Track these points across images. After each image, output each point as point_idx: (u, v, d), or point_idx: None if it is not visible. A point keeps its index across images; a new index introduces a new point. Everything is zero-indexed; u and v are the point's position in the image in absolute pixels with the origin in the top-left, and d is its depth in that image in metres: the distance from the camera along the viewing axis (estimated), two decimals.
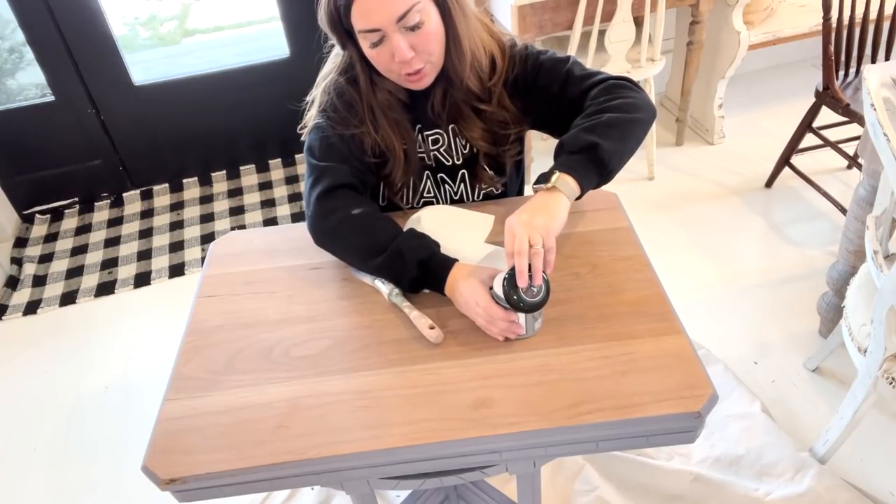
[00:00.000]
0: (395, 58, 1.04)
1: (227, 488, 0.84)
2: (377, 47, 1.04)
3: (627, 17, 2.15)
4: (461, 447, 0.83)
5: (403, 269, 1.02)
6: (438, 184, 1.25)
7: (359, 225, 1.07)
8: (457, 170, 1.24)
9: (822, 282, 1.84)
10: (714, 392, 0.85)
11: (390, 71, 1.08)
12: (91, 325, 2.22)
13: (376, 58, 1.07)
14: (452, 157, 1.23)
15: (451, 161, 1.23)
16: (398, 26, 1.02)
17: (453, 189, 1.26)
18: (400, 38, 1.02)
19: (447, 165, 1.23)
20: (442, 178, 1.25)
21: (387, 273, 1.04)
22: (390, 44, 1.03)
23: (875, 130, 1.18)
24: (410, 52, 1.03)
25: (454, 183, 1.26)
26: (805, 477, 1.51)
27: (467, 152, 1.23)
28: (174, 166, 2.84)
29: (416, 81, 1.10)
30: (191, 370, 0.96)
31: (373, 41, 1.04)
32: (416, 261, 1.01)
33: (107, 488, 1.71)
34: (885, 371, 1.31)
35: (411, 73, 1.07)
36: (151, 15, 2.94)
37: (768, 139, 2.70)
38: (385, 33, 1.02)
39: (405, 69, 1.06)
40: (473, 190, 1.26)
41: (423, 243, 1.04)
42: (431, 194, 1.26)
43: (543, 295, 0.91)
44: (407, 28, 1.02)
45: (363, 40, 1.05)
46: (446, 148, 1.22)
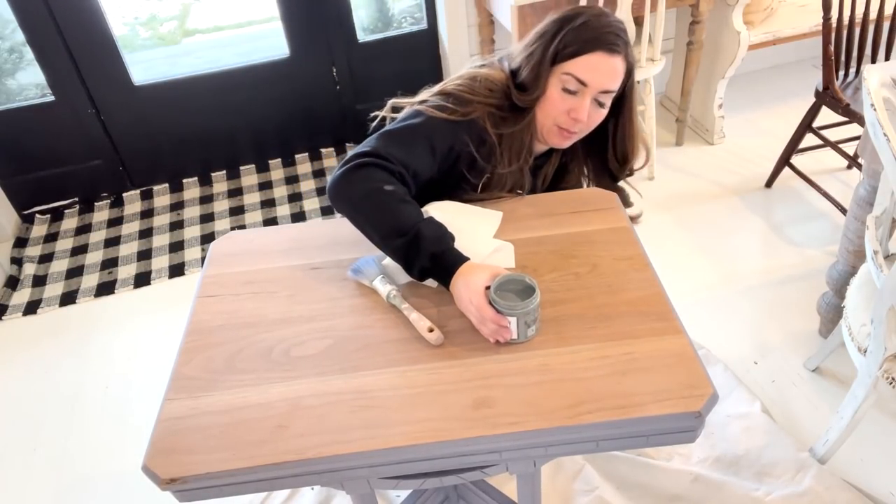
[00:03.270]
0: (571, 114, 1.14)
1: (227, 488, 0.84)
2: (566, 94, 1.14)
3: (627, 17, 2.15)
4: (461, 447, 0.83)
5: (417, 256, 1.01)
6: None
7: (386, 202, 1.04)
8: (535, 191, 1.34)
9: (822, 282, 1.84)
10: (714, 392, 0.85)
11: (554, 117, 1.17)
12: (91, 325, 2.22)
13: (558, 102, 1.15)
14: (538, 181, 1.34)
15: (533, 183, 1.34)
16: (597, 94, 1.14)
17: None
18: (588, 103, 1.14)
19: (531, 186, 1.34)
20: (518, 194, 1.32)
21: (400, 256, 1.03)
22: (579, 101, 1.14)
23: (875, 130, 1.18)
24: (586, 119, 1.16)
25: None
26: (805, 477, 1.51)
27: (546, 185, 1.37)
28: (174, 166, 2.84)
29: (564, 138, 1.20)
30: (191, 370, 0.96)
31: (570, 89, 1.14)
32: (430, 252, 1.00)
33: (107, 488, 1.71)
34: (885, 371, 1.31)
35: (568, 130, 1.18)
36: (151, 15, 2.94)
37: (768, 139, 2.70)
38: (585, 92, 1.14)
39: (569, 125, 1.17)
40: None
41: (441, 234, 1.03)
42: None
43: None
44: (597, 101, 1.15)
45: (560, 82, 1.14)
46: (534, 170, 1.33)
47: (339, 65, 2.77)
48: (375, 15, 2.83)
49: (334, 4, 2.61)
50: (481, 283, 0.96)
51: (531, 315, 0.92)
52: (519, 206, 1.21)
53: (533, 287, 0.94)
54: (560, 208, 1.20)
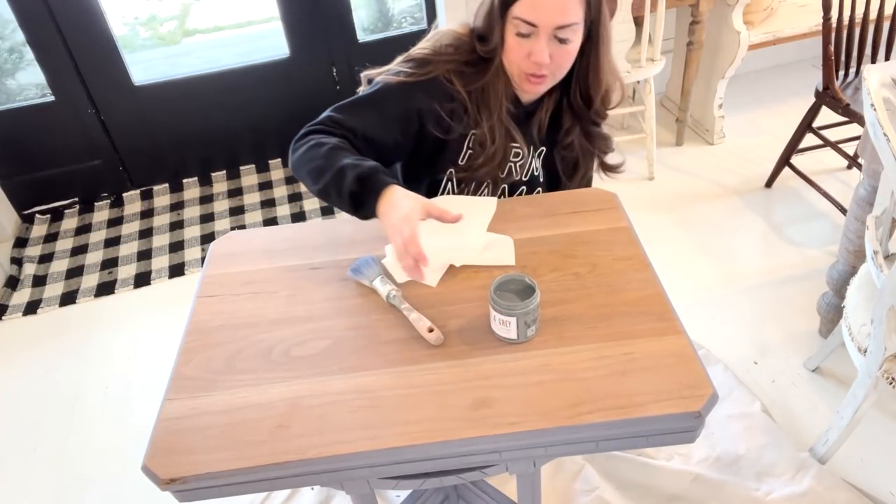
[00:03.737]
0: (531, 58, 1.09)
1: (227, 488, 0.84)
2: (521, 39, 1.08)
3: (627, 17, 2.15)
4: (461, 447, 0.83)
5: (343, 182, 1.02)
6: (496, 194, 1.28)
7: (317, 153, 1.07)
8: (518, 185, 1.29)
9: (822, 282, 1.84)
10: (714, 392, 0.85)
11: (517, 63, 1.12)
12: (91, 325, 2.22)
13: (515, 48, 1.10)
14: (522, 173, 1.27)
15: (518, 176, 1.27)
16: (552, 32, 1.07)
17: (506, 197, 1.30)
18: (546, 43, 1.08)
19: (514, 179, 1.27)
20: (503, 190, 1.28)
21: (331, 189, 1.04)
22: (535, 43, 1.08)
23: (875, 130, 1.18)
24: (547, 60, 1.09)
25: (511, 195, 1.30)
26: (805, 477, 1.51)
27: (537, 174, 1.29)
28: (174, 166, 2.84)
29: (533, 84, 1.14)
30: (191, 370, 0.96)
31: (523, 32, 1.08)
32: (355, 175, 1.01)
33: (107, 488, 1.71)
34: (885, 371, 1.31)
35: (535, 75, 1.11)
36: (151, 15, 2.94)
37: (768, 139, 2.70)
38: (537, 31, 1.07)
39: (533, 69, 1.11)
40: None
41: (367, 164, 1.03)
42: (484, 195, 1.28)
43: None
44: (557, 38, 1.08)
45: (512, 27, 1.09)
46: (522, 163, 1.25)
47: (339, 65, 2.77)
48: (375, 15, 2.83)
49: (334, 4, 2.61)
50: (415, 212, 0.96)
51: (531, 315, 0.92)
52: (519, 206, 1.21)
53: (533, 287, 0.94)
54: (560, 208, 1.20)
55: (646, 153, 2.57)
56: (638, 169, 2.64)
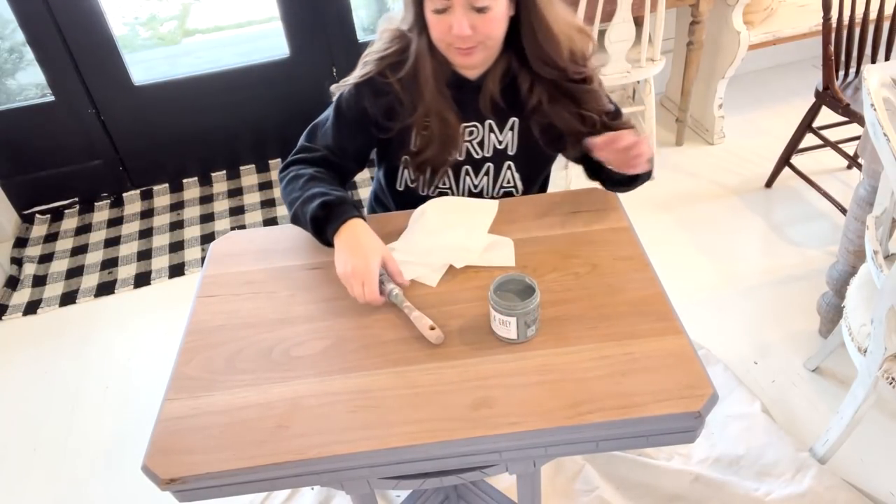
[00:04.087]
0: (453, 31, 1.07)
1: (227, 488, 0.84)
2: (440, 14, 1.08)
3: (627, 17, 2.15)
4: (461, 447, 0.83)
5: (308, 207, 1.08)
6: (459, 176, 1.26)
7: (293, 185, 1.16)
8: (483, 163, 1.25)
9: (822, 282, 1.84)
10: (714, 392, 0.85)
11: (443, 41, 1.11)
12: (91, 325, 2.22)
13: (435, 24, 1.10)
14: (483, 150, 1.24)
15: (480, 154, 1.24)
16: (467, 2, 1.05)
17: (474, 182, 1.27)
18: (463, 15, 1.06)
19: (475, 158, 1.25)
20: (466, 170, 1.25)
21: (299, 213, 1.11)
22: (453, 16, 1.06)
23: (875, 130, 1.18)
24: (468, 31, 1.07)
25: (476, 176, 1.26)
26: (805, 477, 1.51)
27: (501, 147, 1.24)
28: (174, 166, 2.84)
29: (464, 56, 1.12)
30: (191, 370, 0.96)
31: (438, 8, 1.07)
32: (321, 201, 1.08)
33: (107, 488, 1.71)
34: (885, 371, 1.31)
35: (461, 48, 1.10)
36: (151, 15, 2.94)
37: (768, 139, 2.70)
38: (452, 5, 1.06)
39: (458, 43, 1.09)
40: (495, 186, 1.28)
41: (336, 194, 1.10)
42: (447, 185, 1.27)
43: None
44: (474, 7, 1.06)
45: (430, 4, 1.08)
46: (479, 141, 1.23)
47: (339, 65, 2.76)
48: (375, 15, 2.83)
49: (334, 4, 2.61)
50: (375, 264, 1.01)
51: (531, 315, 0.92)
52: (519, 207, 1.21)
53: (533, 287, 0.94)
54: (560, 208, 1.20)
55: None
56: None
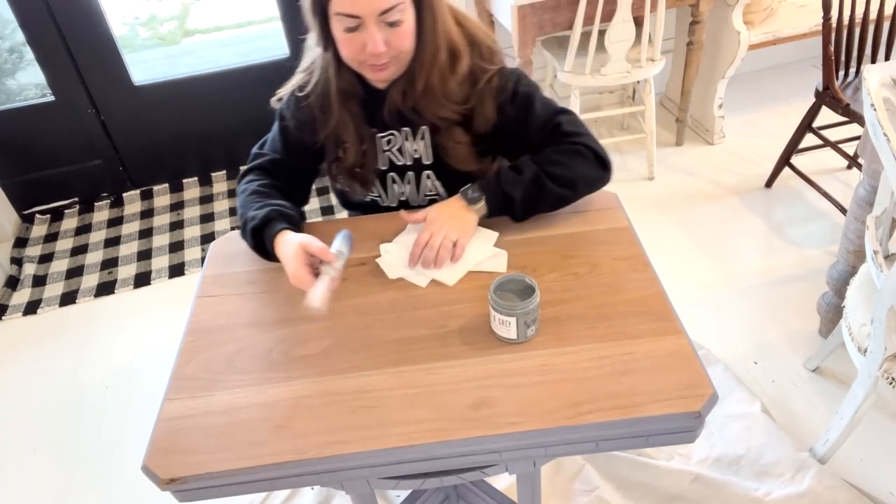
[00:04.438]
0: (367, 49, 1.05)
1: (227, 488, 0.84)
2: (351, 33, 1.05)
3: (627, 17, 2.15)
4: (461, 447, 0.83)
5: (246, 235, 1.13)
6: (386, 183, 1.27)
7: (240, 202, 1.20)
8: (405, 171, 1.26)
9: (822, 282, 1.84)
10: (714, 392, 0.85)
11: (355, 59, 1.09)
12: (91, 325, 2.22)
13: (346, 44, 1.07)
14: (404, 157, 1.24)
15: (401, 161, 1.25)
16: (379, 19, 1.03)
17: (401, 189, 1.28)
18: (377, 31, 1.04)
19: (398, 165, 1.25)
20: (392, 178, 1.26)
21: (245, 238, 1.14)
22: (366, 34, 1.04)
23: (875, 130, 1.18)
24: (383, 48, 1.05)
25: (402, 183, 1.28)
26: (805, 477, 1.51)
27: (417, 156, 1.24)
28: (174, 166, 2.84)
29: (378, 72, 1.11)
30: (191, 370, 0.96)
31: (349, 26, 1.05)
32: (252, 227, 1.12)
33: (107, 488, 1.71)
34: (885, 371, 1.31)
35: (376, 64, 1.08)
36: (151, 15, 2.94)
37: (768, 139, 2.70)
38: (363, 22, 1.03)
39: (372, 60, 1.07)
40: (418, 194, 1.29)
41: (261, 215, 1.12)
42: (377, 193, 1.28)
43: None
44: (386, 23, 1.04)
45: (338, 23, 1.06)
46: (399, 148, 1.23)
47: None
48: None
49: None
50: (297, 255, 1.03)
51: (531, 315, 0.92)
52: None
53: (532, 287, 0.94)
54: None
55: (646, 153, 2.57)
56: (638, 169, 2.64)
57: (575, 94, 2.37)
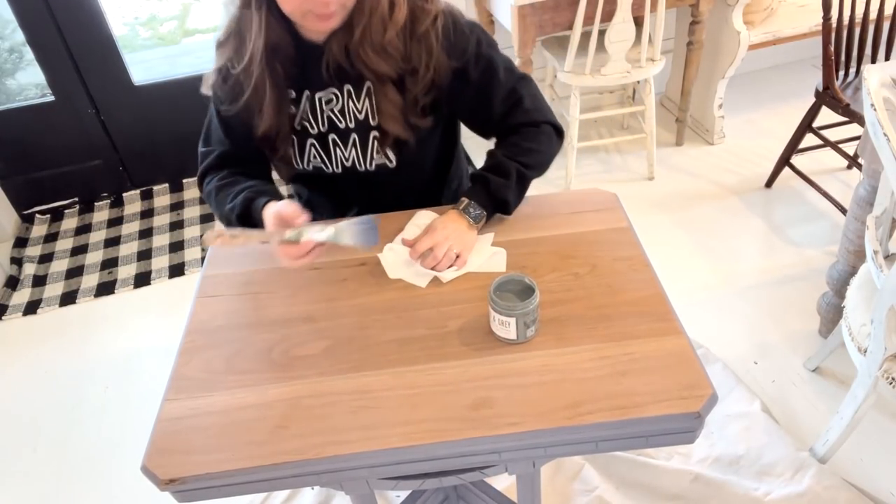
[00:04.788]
0: None
1: (227, 488, 0.84)
2: None
3: (627, 17, 2.15)
4: (461, 447, 0.83)
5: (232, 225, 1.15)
6: (329, 147, 1.19)
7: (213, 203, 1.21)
8: (349, 133, 1.18)
9: (822, 282, 1.84)
10: (714, 392, 0.85)
11: (298, 9, 1.02)
12: (91, 325, 2.22)
13: None
14: (346, 119, 1.17)
15: (343, 124, 1.17)
16: None
17: (344, 154, 1.21)
18: None
19: (340, 128, 1.18)
20: (334, 141, 1.19)
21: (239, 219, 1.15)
22: None
23: (875, 130, 1.18)
24: None
25: (345, 147, 1.20)
26: (805, 477, 1.51)
27: (362, 117, 1.16)
28: (174, 166, 2.84)
29: (324, 21, 1.04)
30: (191, 370, 0.96)
31: None
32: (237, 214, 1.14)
33: (107, 488, 1.71)
34: (885, 371, 1.31)
35: (324, 14, 1.02)
36: (151, 15, 2.94)
37: (768, 139, 2.70)
38: None
39: (319, 9, 1.01)
40: (365, 158, 1.21)
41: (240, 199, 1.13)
42: (318, 160, 1.21)
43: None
44: None
45: None
46: (340, 109, 1.16)
47: None
48: None
49: None
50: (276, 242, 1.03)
51: (530, 315, 0.92)
52: (519, 207, 1.21)
53: (532, 287, 0.94)
54: (560, 208, 1.20)
55: (646, 153, 2.57)
56: (638, 169, 2.64)
57: (575, 94, 2.37)
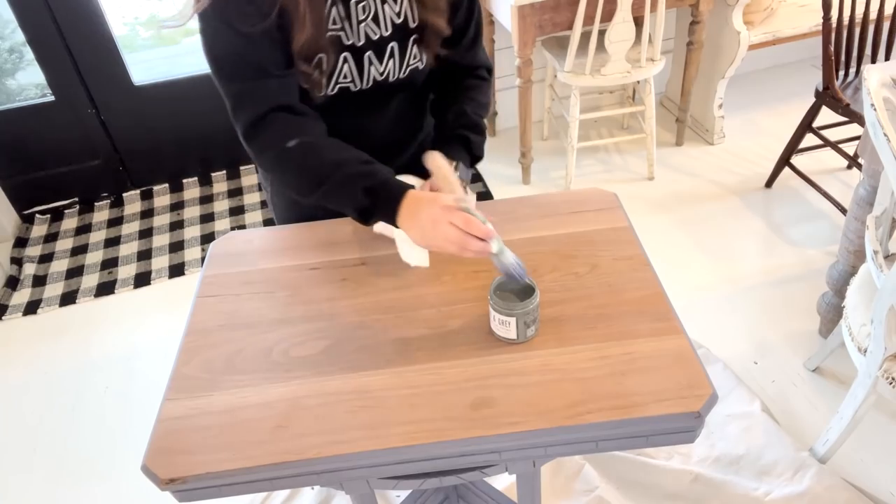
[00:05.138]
0: None
1: (227, 488, 0.84)
2: None
3: (627, 17, 2.15)
4: (461, 447, 0.83)
5: (348, 197, 0.97)
6: (362, 65, 1.06)
7: (295, 158, 1.00)
8: (385, 43, 1.06)
9: (822, 282, 1.84)
10: (714, 392, 0.85)
11: None
12: (91, 325, 2.22)
13: None
14: (380, 28, 1.04)
15: (378, 34, 1.05)
16: None
17: (379, 70, 1.08)
18: None
19: (374, 40, 1.05)
20: (370, 59, 1.06)
21: (332, 202, 0.99)
22: None
23: (875, 130, 1.18)
24: None
25: (381, 62, 1.07)
26: (805, 477, 1.51)
27: (401, 20, 1.05)
28: (174, 166, 2.84)
29: None
30: (191, 370, 0.96)
31: None
32: (362, 187, 0.96)
33: (107, 488, 1.71)
34: (885, 371, 1.31)
35: None
36: (151, 15, 2.94)
37: (768, 139, 2.70)
38: None
39: None
40: (401, 67, 1.09)
41: (371, 170, 0.97)
42: (349, 79, 1.06)
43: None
44: None
45: None
46: (373, 17, 1.03)
47: None
48: None
49: None
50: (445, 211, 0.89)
51: (531, 315, 0.92)
52: (519, 207, 1.21)
53: (532, 287, 0.94)
54: (560, 208, 1.20)
55: (646, 153, 2.57)
56: (638, 169, 2.64)
57: (575, 94, 2.37)
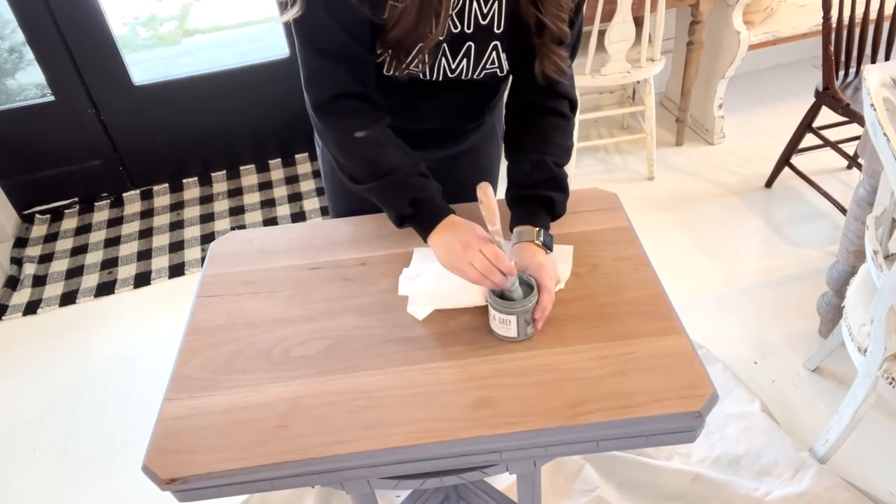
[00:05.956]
0: None
1: (227, 488, 0.84)
2: None
3: (627, 17, 2.15)
4: (461, 447, 0.83)
5: (395, 200, 1.00)
6: (435, 57, 1.02)
7: (359, 148, 1.02)
8: (463, 41, 1.01)
9: (822, 282, 1.84)
10: (714, 392, 0.85)
11: None
12: (91, 325, 2.22)
13: None
14: (462, 24, 0.99)
15: (459, 28, 1.00)
16: None
17: (450, 66, 1.03)
18: None
19: (454, 33, 1.00)
20: (443, 51, 1.01)
21: (377, 198, 1.02)
22: None
23: (875, 130, 1.18)
24: None
25: (454, 58, 1.03)
26: (804, 477, 1.51)
27: (486, 23, 1.00)
28: (174, 166, 2.84)
29: None
30: (191, 370, 0.96)
31: None
32: (410, 197, 0.98)
33: (107, 488, 1.71)
34: (885, 371, 1.31)
35: None
36: (151, 15, 2.94)
37: (768, 139, 2.70)
38: None
39: None
40: (476, 69, 1.05)
41: (424, 183, 1.00)
42: (418, 69, 1.02)
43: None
44: None
45: None
46: (458, 12, 0.98)
47: None
48: None
49: None
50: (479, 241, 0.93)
51: (531, 313, 0.92)
52: None
53: (532, 285, 0.94)
54: None
55: (646, 153, 2.57)
56: (638, 169, 2.64)
57: None
